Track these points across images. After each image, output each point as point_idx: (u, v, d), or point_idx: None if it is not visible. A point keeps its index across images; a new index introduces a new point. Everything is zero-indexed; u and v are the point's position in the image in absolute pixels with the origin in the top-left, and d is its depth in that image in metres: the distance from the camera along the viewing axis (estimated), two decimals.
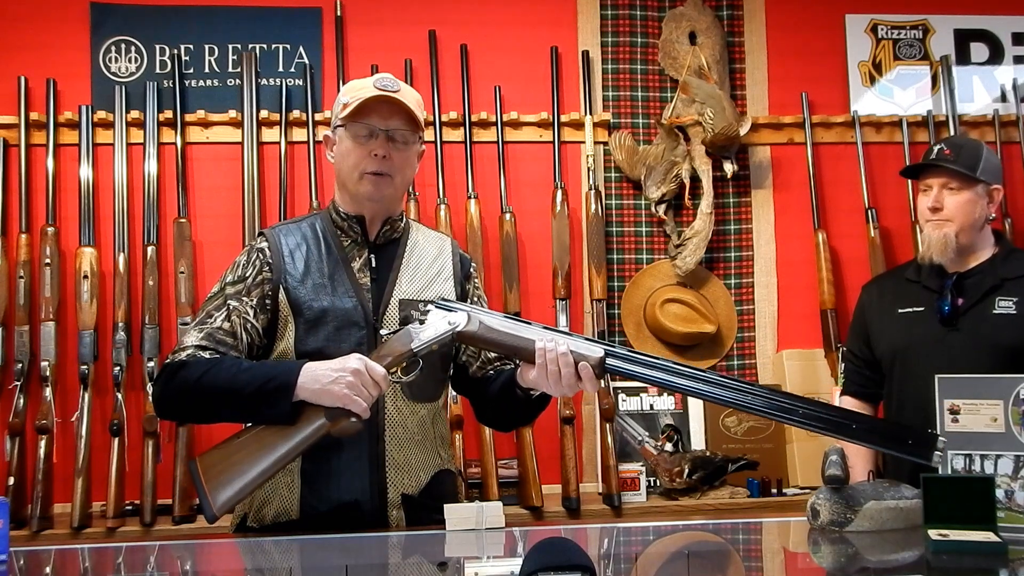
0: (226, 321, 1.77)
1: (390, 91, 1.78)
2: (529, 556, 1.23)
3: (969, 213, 2.29)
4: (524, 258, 2.92)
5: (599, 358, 1.66)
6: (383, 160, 1.79)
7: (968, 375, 1.74)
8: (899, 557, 1.58)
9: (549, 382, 1.68)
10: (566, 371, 1.66)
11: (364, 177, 1.81)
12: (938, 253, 2.29)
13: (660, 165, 2.98)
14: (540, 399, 1.82)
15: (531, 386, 1.75)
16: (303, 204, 2.86)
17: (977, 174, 2.27)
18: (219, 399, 1.68)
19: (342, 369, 1.64)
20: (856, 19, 3.17)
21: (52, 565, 1.67)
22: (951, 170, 2.29)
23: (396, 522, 1.79)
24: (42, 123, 2.77)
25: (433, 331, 1.72)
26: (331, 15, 2.95)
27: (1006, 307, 2.25)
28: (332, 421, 1.63)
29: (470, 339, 1.74)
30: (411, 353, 1.71)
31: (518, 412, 1.88)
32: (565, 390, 1.69)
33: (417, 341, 1.71)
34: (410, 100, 1.81)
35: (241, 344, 1.77)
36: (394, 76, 1.84)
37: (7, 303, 2.68)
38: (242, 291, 1.79)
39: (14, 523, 2.44)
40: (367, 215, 1.85)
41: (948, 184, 2.30)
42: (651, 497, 2.79)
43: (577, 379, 1.68)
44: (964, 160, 2.29)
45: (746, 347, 3.05)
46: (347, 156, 1.82)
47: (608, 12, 3.06)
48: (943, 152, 2.32)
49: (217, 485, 1.61)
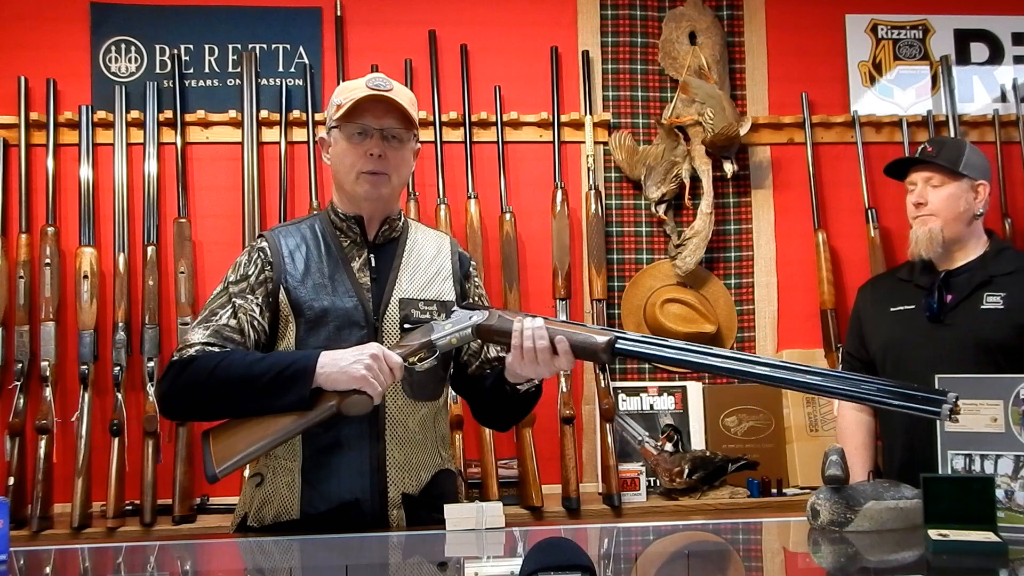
0: (232, 318, 1.77)
1: (382, 90, 1.79)
2: (529, 556, 1.23)
3: (952, 207, 2.31)
4: (524, 258, 2.92)
5: (608, 341, 1.67)
6: (379, 159, 1.80)
7: (968, 375, 1.75)
8: (899, 557, 1.58)
9: (525, 360, 1.70)
10: (540, 344, 1.68)
11: (360, 177, 1.81)
12: (925, 248, 2.32)
13: (660, 165, 2.98)
14: (527, 396, 1.83)
15: (514, 376, 1.77)
16: (303, 204, 2.86)
17: (960, 168, 2.31)
18: (235, 389, 1.67)
19: (361, 352, 1.67)
20: (856, 19, 3.17)
21: (52, 565, 1.67)
22: (933, 164, 2.34)
23: (396, 522, 1.79)
24: (42, 123, 2.77)
25: (453, 325, 1.76)
26: (331, 15, 2.95)
27: (994, 302, 2.26)
28: (340, 396, 1.65)
29: (487, 332, 1.76)
30: (430, 343, 1.75)
31: (507, 407, 1.89)
32: (541, 368, 1.71)
33: (438, 333, 1.75)
34: (403, 98, 1.81)
35: (249, 341, 1.77)
36: (387, 76, 1.85)
37: (7, 303, 2.68)
38: (246, 289, 1.80)
39: (14, 523, 2.44)
40: (365, 215, 1.86)
41: (931, 180, 2.35)
42: (651, 497, 2.79)
43: (552, 354, 1.69)
44: (945, 155, 2.34)
45: (746, 347, 3.05)
46: (343, 157, 1.82)
47: (608, 12, 3.06)
48: (926, 150, 2.37)
49: (223, 449, 1.65)
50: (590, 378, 2.92)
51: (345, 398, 1.65)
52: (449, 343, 1.75)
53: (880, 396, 1.53)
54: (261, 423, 1.66)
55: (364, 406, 1.66)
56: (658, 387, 2.96)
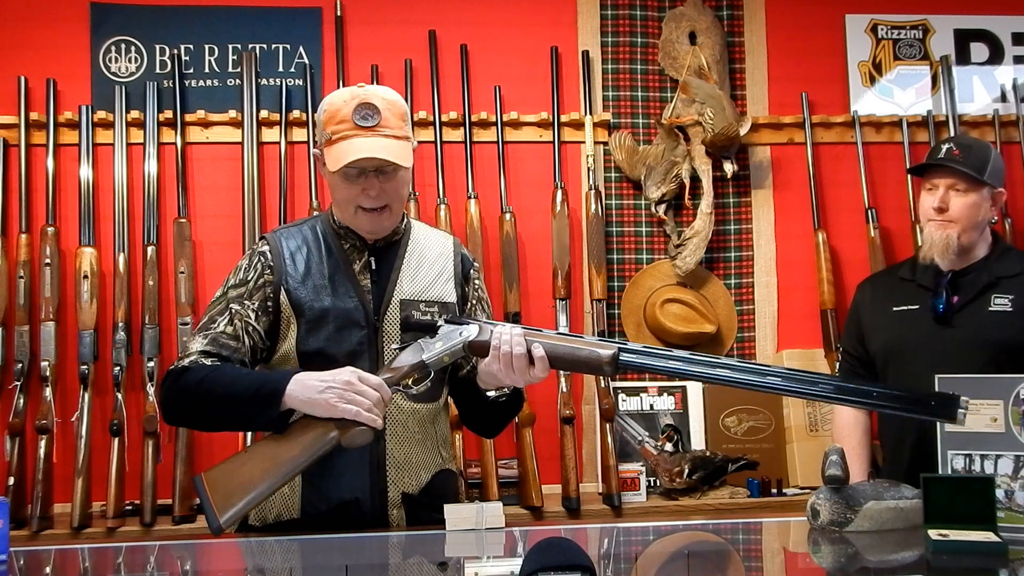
0: (229, 325, 1.78)
1: (369, 126, 1.73)
2: (529, 556, 1.23)
3: (973, 216, 2.28)
4: (524, 258, 2.92)
5: (612, 354, 1.64)
6: (377, 196, 1.77)
7: (968, 375, 1.74)
8: (899, 557, 1.58)
9: (502, 366, 1.67)
10: (518, 351, 1.66)
11: (359, 212, 1.79)
12: (939, 254, 2.28)
13: (660, 165, 2.98)
14: (502, 405, 1.82)
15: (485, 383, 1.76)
16: (303, 204, 2.86)
17: (984, 177, 2.26)
18: (218, 404, 1.69)
19: (332, 380, 1.63)
20: (856, 19, 3.17)
21: (52, 565, 1.67)
22: (960, 171, 2.27)
23: (396, 521, 1.79)
24: (42, 123, 2.77)
25: (444, 343, 1.71)
26: (331, 15, 2.95)
27: (1002, 305, 2.25)
28: (341, 429, 1.62)
29: (480, 347, 1.72)
30: (422, 364, 1.71)
31: (484, 414, 1.89)
32: (516, 376, 1.68)
33: (429, 352, 1.71)
34: (393, 125, 1.76)
35: (244, 347, 1.78)
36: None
37: (7, 303, 2.68)
38: (244, 294, 1.80)
39: (14, 523, 2.44)
40: (367, 237, 1.85)
41: (955, 185, 2.28)
42: (651, 497, 2.79)
43: (529, 364, 1.67)
44: (972, 162, 2.27)
45: (746, 347, 3.05)
46: (338, 189, 1.79)
47: (608, 12, 3.06)
48: (952, 152, 2.29)
49: (224, 496, 1.58)
50: (590, 378, 2.91)
51: (343, 432, 1.62)
52: (441, 361, 1.71)
53: (892, 404, 1.54)
54: (260, 466, 1.60)
55: (365, 437, 1.63)
56: (658, 387, 2.96)
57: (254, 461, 1.62)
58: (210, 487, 1.59)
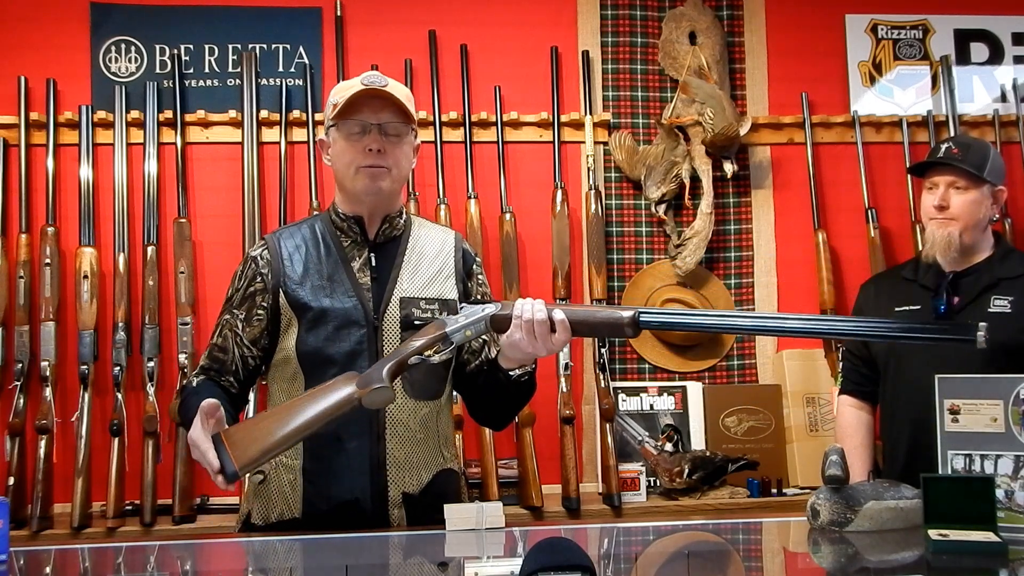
0: (219, 337, 1.85)
1: (378, 86, 1.80)
2: (529, 556, 1.23)
3: (974, 213, 2.28)
4: (524, 258, 2.92)
5: (632, 315, 1.65)
6: (378, 155, 1.80)
7: (968, 375, 1.74)
8: (899, 557, 1.58)
9: (523, 333, 1.68)
10: (539, 316, 1.67)
11: (359, 171, 1.81)
12: (941, 252, 2.29)
13: (660, 165, 2.98)
14: (520, 387, 1.82)
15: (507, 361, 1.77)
16: (303, 204, 2.86)
17: (984, 174, 2.27)
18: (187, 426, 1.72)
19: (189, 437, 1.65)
20: (856, 19, 3.17)
21: (52, 565, 1.67)
22: (959, 169, 2.28)
23: (397, 521, 1.79)
24: (42, 123, 2.77)
25: (467, 317, 1.73)
26: (331, 15, 2.95)
27: (1002, 306, 2.25)
28: (362, 388, 1.63)
29: (502, 321, 1.73)
30: (445, 335, 1.72)
31: (501, 399, 1.88)
32: (539, 344, 1.69)
33: (452, 324, 1.72)
34: (399, 93, 1.82)
35: (233, 357, 1.83)
36: (385, 75, 1.85)
37: (7, 303, 2.68)
38: (234, 303, 1.85)
39: (14, 523, 2.44)
40: (366, 213, 1.86)
41: (955, 183, 2.29)
42: (651, 497, 2.79)
43: (550, 330, 1.68)
44: (972, 159, 2.28)
45: (746, 347, 3.05)
46: (342, 155, 1.82)
47: (608, 12, 3.06)
48: (951, 151, 2.31)
49: (241, 448, 1.59)
50: (590, 378, 2.92)
51: (367, 390, 1.62)
52: (464, 335, 1.73)
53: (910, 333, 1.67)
54: (280, 419, 1.62)
55: (386, 396, 1.64)
56: (658, 387, 2.96)
57: (273, 417, 1.64)
58: (228, 440, 1.61)
